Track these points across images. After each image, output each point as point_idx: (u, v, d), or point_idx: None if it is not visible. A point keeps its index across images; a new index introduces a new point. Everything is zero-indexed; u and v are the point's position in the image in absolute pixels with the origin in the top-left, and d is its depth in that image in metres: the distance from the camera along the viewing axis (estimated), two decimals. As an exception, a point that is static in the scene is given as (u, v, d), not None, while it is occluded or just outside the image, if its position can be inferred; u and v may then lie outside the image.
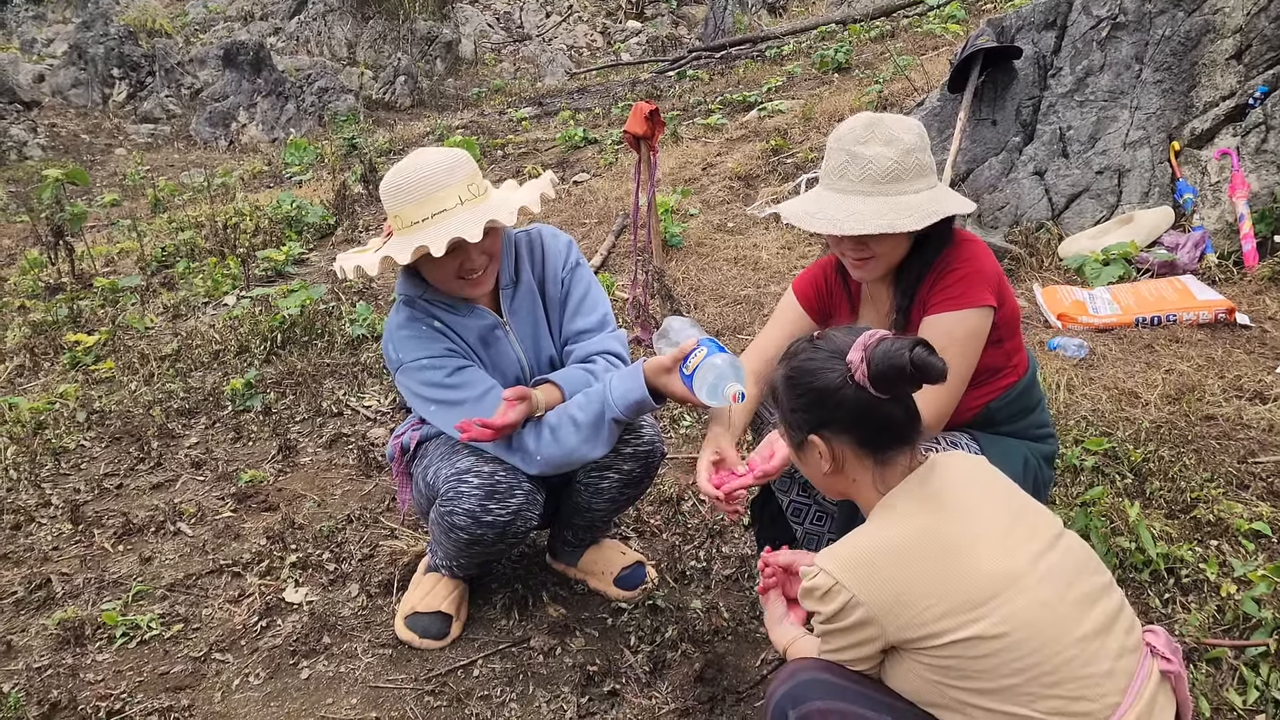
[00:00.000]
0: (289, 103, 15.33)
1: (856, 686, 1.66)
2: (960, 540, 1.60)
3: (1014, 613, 1.53)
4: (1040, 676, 1.52)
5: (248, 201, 7.70)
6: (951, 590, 1.55)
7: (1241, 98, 5.07)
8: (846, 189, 2.18)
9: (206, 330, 5.14)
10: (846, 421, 1.67)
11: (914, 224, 2.12)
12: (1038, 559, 1.60)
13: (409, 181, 2.25)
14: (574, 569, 2.83)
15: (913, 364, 1.58)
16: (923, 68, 6.93)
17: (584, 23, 22.08)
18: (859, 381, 1.62)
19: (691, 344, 2.19)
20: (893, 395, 1.64)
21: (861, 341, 1.63)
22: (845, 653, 1.66)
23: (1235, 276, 4.61)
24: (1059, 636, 1.53)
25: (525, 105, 12.01)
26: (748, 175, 6.50)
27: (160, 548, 3.22)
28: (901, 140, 2.15)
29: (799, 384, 1.70)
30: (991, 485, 1.73)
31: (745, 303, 4.74)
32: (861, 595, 1.58)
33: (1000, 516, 1.66)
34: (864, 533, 1.68)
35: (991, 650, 1.52)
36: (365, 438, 3.84)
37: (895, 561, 1.59)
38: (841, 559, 1.63)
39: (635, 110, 4.19)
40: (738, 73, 10.09)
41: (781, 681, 1.71)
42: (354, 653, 2.62)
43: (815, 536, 2.69)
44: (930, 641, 1.56)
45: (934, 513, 1.64)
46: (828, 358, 1.68)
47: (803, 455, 1.77)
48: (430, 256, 2.22)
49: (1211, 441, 3.19)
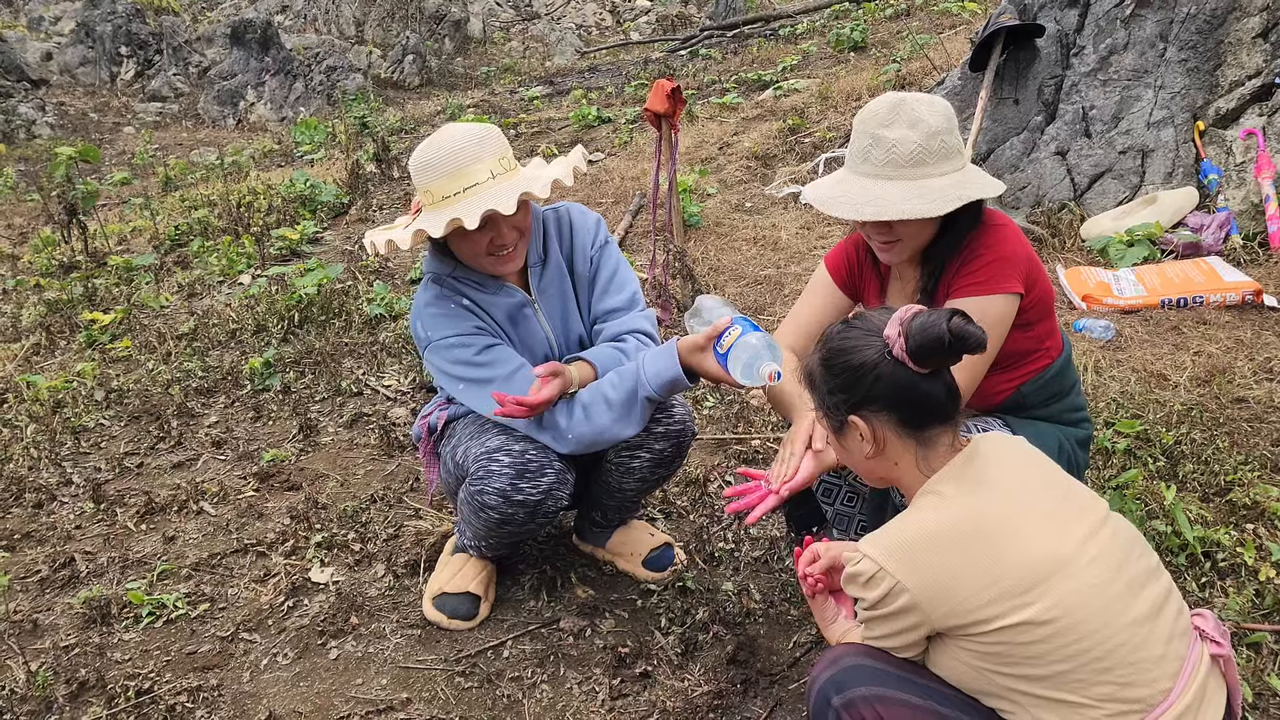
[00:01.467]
0: (297, 81, 15.27)
1: (900, 673, 1.64)
2: (1007, 524, 1.57)
3: (1064, 597, 1.50)
4: (1091, 662, 1.49)
5: (260, 180, 7.66)
6: (1000, 576, 1.52)
7: (1268, 77, 5.00)
8: (870, 172, 2.14)
9: (223, 309, 5.12)
10: (886, 399, 1.65)
11: (937, 209, 2.08)
12: (1086, 542, 1.57)
13: (439, 156, 2.23)
14: (602, 550, 2.82)
15: (951, 333, 1.56)
16: (943, 46, 6.86)
17: (593, 1, 21.96)
18: (897, 356, 1.61)
19: (725, 322, 2.16)
20: (932, 369, 1.62)
21: (898, 317, 1.62)
22: (889, 640, 1.64)
23: (1261, 258, 4.56)
24: (1110, 621, 1.51)
25: (536, 84, 11.95)
26: (765, 155, 6.45)
27: (183, 527, 3.21)
28: (927, 122, 2.10)
29: (835, 364, 1.68)
30: (1036, 467, 1.70)
31: (766, 283, 4.70)
32: (906, 581, 1.56)
33: (1046, 499, 1.63)
34: (908, 518, 1.65)
35: (1041, 636, 1.50)
36: (386, 417, 3.82)
37: (941, 547, 1.56)
38: (885, 545, 1.61)
39: (656, 87, 4.14)
40: (751, 52, 10.01)
41: (824, 667, 1.69)
42: (382, 633, 2.61)
43: (846, 517, 2.67)
44: (978, 628, 1.53)
45: (979, 496, 1.61)
46: (863, 335, 1.66)
47: (843, 439, 1.74)
48: (461, 232, 2.21)
49: (1243, 424, 3.16)
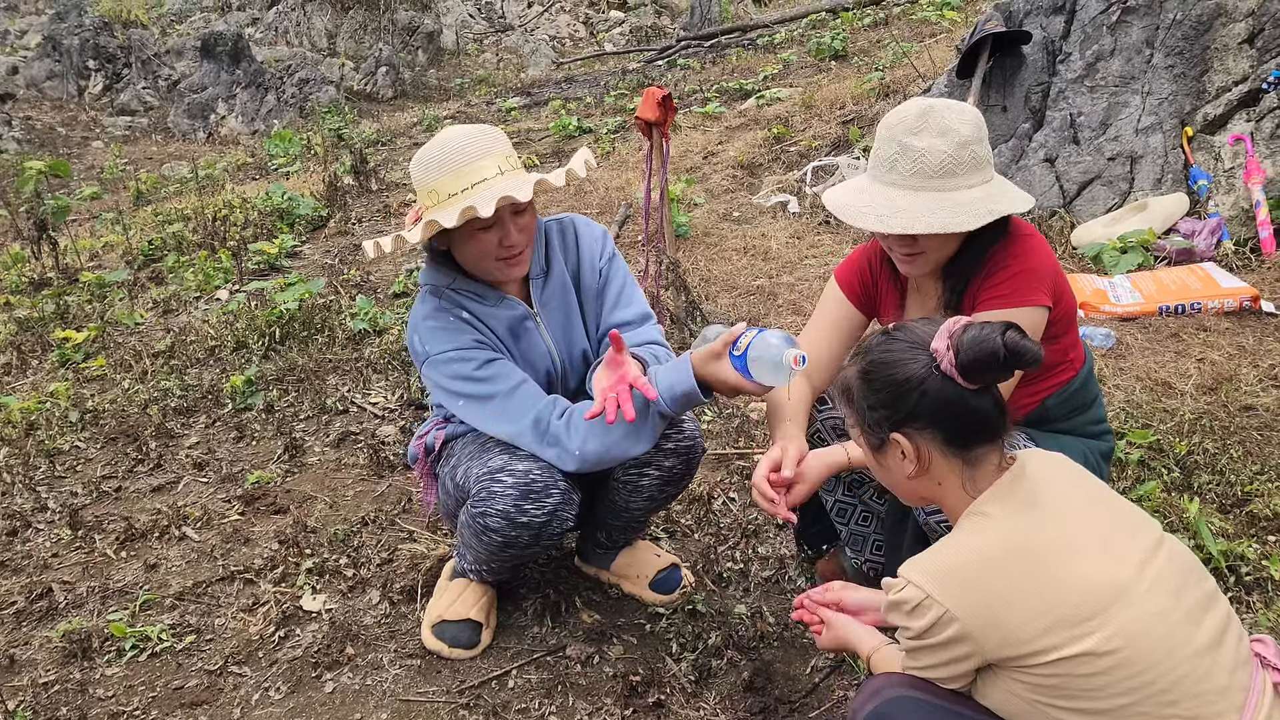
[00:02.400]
0: (269, 94, 15.09)
1: (947, 704, 1.55)
2: (1062, 547, 1.48)
3: (1125, 626, 1.42)
4: (1155, 695, 1.41)
5: (235, 194, 7.52)
6: (1057, 603, 1.43)
7: (1255, 82, 5.00)
8: (896, 182, 2.06)
9: (200, 325, 4.98)
10: (931, 416, 1.56)
11: (967, 224, 2.00)
12: (1144, 566, 1.49)
13: (446, 152, 2.15)
14: (606, 572, 2.72)
15: (1006, 348, 1.47)
16: (928, 54, 6.83)
17: (566, 13, 21.89)
18: (945, 371, 1.52)
19: (740, 329, 2.07)
20: (981, 385, 1.53)
21: (946, 329, 1.52)
22: (936, 670, 1.55)
23: (1254, 263, 4.54)
24: (1174, 651, 1.42)
25: (512, 95, 11.86)
26: (750, 164, 6.38)
27: (166, 554, 3.08)
28: (957, 132, 2.03)
29: (877, 378, 1.59)
30: (1086, 486, 1.62)
31: (759, 294, 4.62)
32: (955, 610, 1.47)
33: (1099, 520, 1.55)
34: (955, 541, 1.56)
35: (1103, 668, 1.41)
36: (375, 436, 3.70)
37: (992, 573, 1.48)
38: (931, 570, 1.52)
39: (647, 95, 4.06)
40: (730, 61, 9.97)
41: (865, 699, 1.60)
42: (380, 664, 2.50)
43: (861, 537, 2.59)
44: (1034, 660, 1.44)
45: (1030, 517, 1.52)
46: (908, 348, 1.57)
47: (883, 458, 1.65)
48: (470, 233, 2.14)
49: (1254, 433, 3.11)
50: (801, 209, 5.58)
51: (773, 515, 2.10)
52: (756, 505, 2.13)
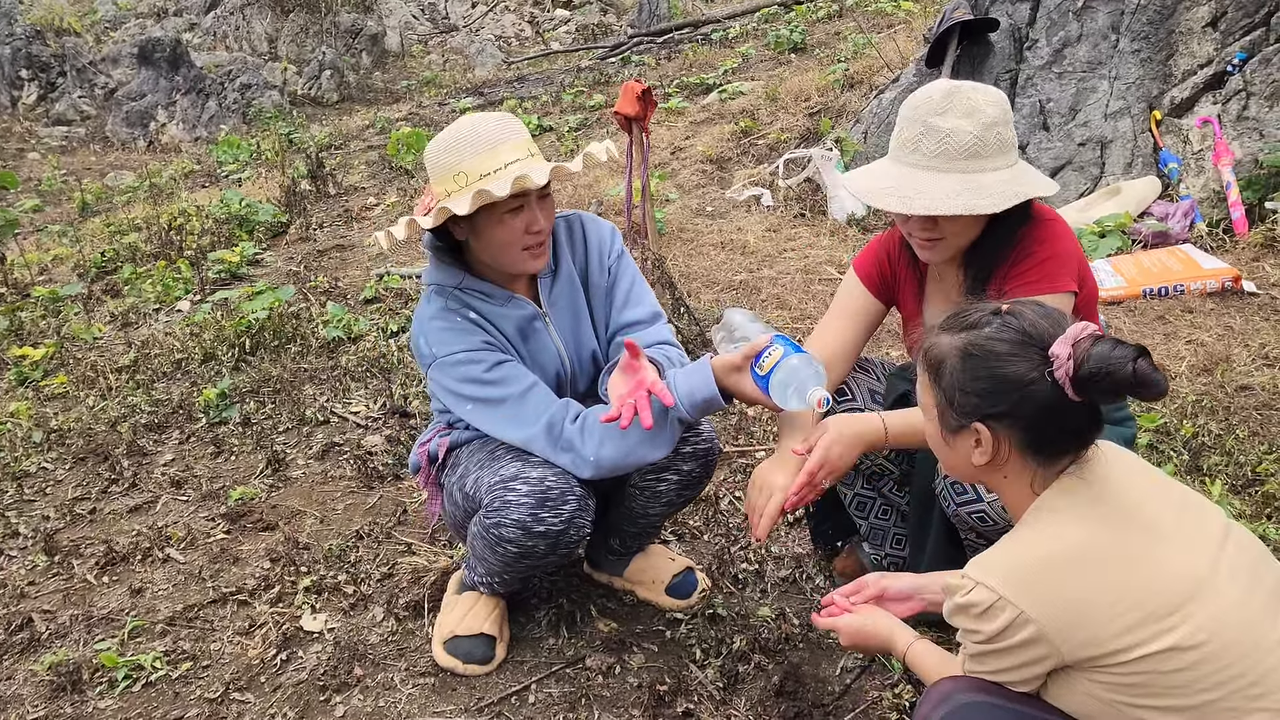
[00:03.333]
0: (210, 100, 14.77)
1: (1021, 707, 1.48)
2: (1136, 541, 1.43)
3: (1210, 618, 1.36)
4: (1245, 689, 1.36)
5: (189, 202, 7.31)
6: (1138, 600, 1.38)
7: (1220, 65, 5.04)
8: (920, 163, 2.01)
9: (164, 338, 4.81)
10: (1025, 419, 1.47)
11: (992, 206, 1.96)
12: (1218, 555, 1.44)
13: (473, 134, 2.08)
14: (620, 579, 2.64)
15: (1135, 376, 1.36)
16: (895, 43, 6.83)
17: (511, 12, 21.71)
18: (1058, 378, 1.42)
19: (765, 340, 2.00)
20: (1089, 400, 1.44)
21: (1072, 335, 1.42)
22: (1007, 674, 1.48)
23: (1228, 244, 4.58)
24: (1259, 641, 1.38)
25: (464, 96, 11.70)
26: (719, 158, 6.33)
27: (150, 577, 2.94)
28: (984, 112, 1.98)
29: (982, 366, 1.48)
30: (1150, 476, 1.57)
31: (740, 289, 4.57)
32: (1031, 611, 1.40)
33: (1168, 511, 1.49)
34: (1024, 539, 1.49)
35: (1189, 663, 1.36)
36: (360, 446, 3.58)
37: (1068, 571, 1.41)
38: (1001, 570, 1.45)
39: (626, 90, 3.99)
40: (686, 56, 9.92)
41: (934, 705, 1.53)
42: (391, 684, 2.39)
43: (881, 531, 2.55)
44: (1115, 659, 1.38)
45: (1101, 511, 1.46)
46: (1020, 342, 1.46)
47: (954, 440, 1.56)
48: (495, 219, 2.09)
49: (1254, 413, 3.11)
50: (775, 202, 5.54)
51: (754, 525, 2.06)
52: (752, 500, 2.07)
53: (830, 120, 6.05)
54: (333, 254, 6.00)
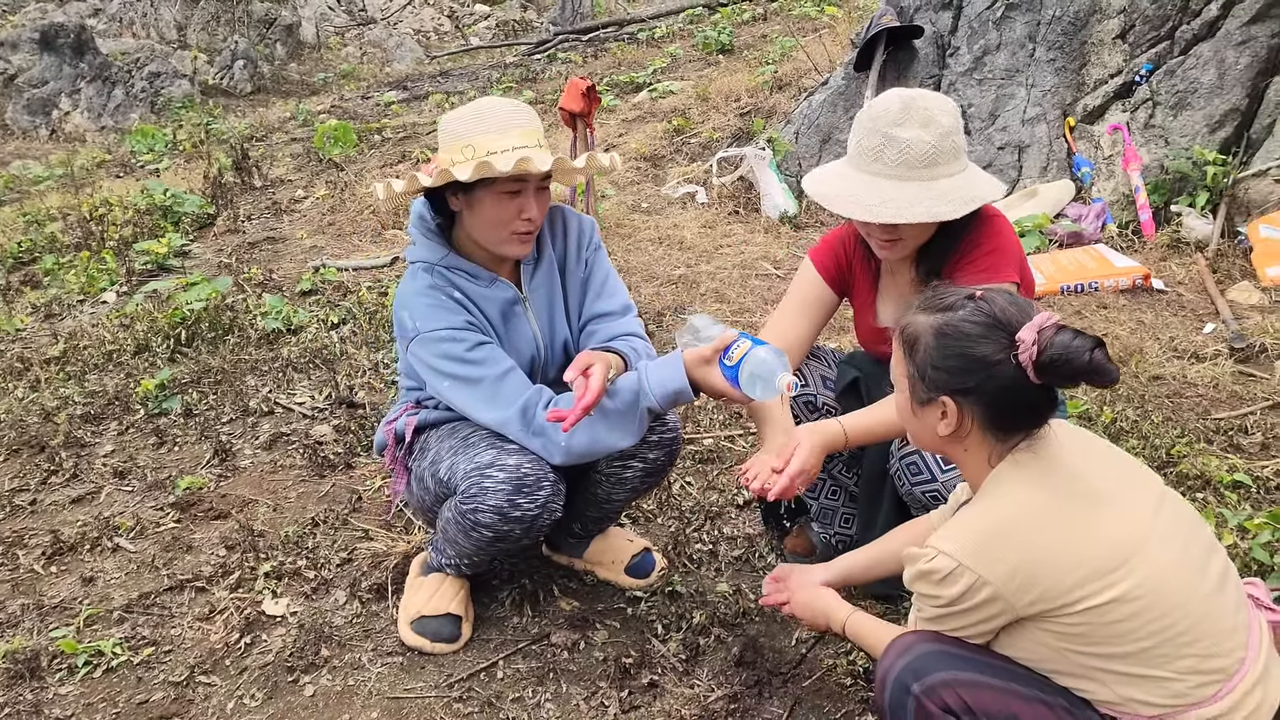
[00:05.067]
0: (117, 88, 14.34)
1: (975, 655, 1.63)
2: (1085, 506, 1.57)
3: (1148, 575, 1.51)
4: (1175, 637, 1.51)
5: (109, 191, 7.14)
6: (1084, 558, 1.52)
7: (1128, 75, 5.33)
8: (882, 172, 2.13)
9: (93, 330, 4.72)
10: (988, 395, 1.59)
11: (953, 213, 2.10)
12: (1154, 518, 1.59)
13: (490, 111, 2.16)
14: (580, 560, 2.71)
15: (1091, 364, 1.49)
16: (823, 46, 7.02)
17: (430, 6, 21.53)
18: (1021, 361, 1.54)
19: (731, 336, 2.10)
20: (1047, 384, 1.57)
21: (1038, 323, 1.54)
22: (965, 630, 1.62)
23: (1137, 245, 4.85)
24: (1190, 596, 1.53)
25: (388, 89, 11.60)
26: (653, 156, 6.44)
27: (101, 566, 2.92)
28: (939, 123, 2.11)
29: (953, 344, 1.60)
30: (1093, 446, 1.72)
31: (680, 283, 4.68)
32: (987, 575, 1.53)
33: (1111, 478, 1.64)
34: (981, 510, 1.63)
35: (1128, 614, 1.50)
36: (309, 436, 3.58)
37: (1019, 536, 1.55)
38: (963, 540, 1.58)
39: (571, 86, 4.07)
40: (613, 55, 10.01)
41: (896, 656, 1.66)
42: (359, 664, 2.43)
43: (830, 510, 2.67)
44: (1063, 612, 1.52)
45: (1052, 480, 1.60)
46: (990, 325, 1.58)
47: (922, 411, 1.68)
48: (493, 195, 2.16)
49: (1166, 400, 3.33)
50: (710, 199, 5.67)
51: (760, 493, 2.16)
52: (748, 488, 2.17)
53: (762, 120, 6.21)
54: (264, 246, 5.94)
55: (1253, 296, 4.08)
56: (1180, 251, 4.65)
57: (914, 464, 2.22)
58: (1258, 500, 2.77)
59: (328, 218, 6.38)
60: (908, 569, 1.66)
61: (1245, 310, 4.00)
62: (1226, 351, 3.64)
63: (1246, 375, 3.51)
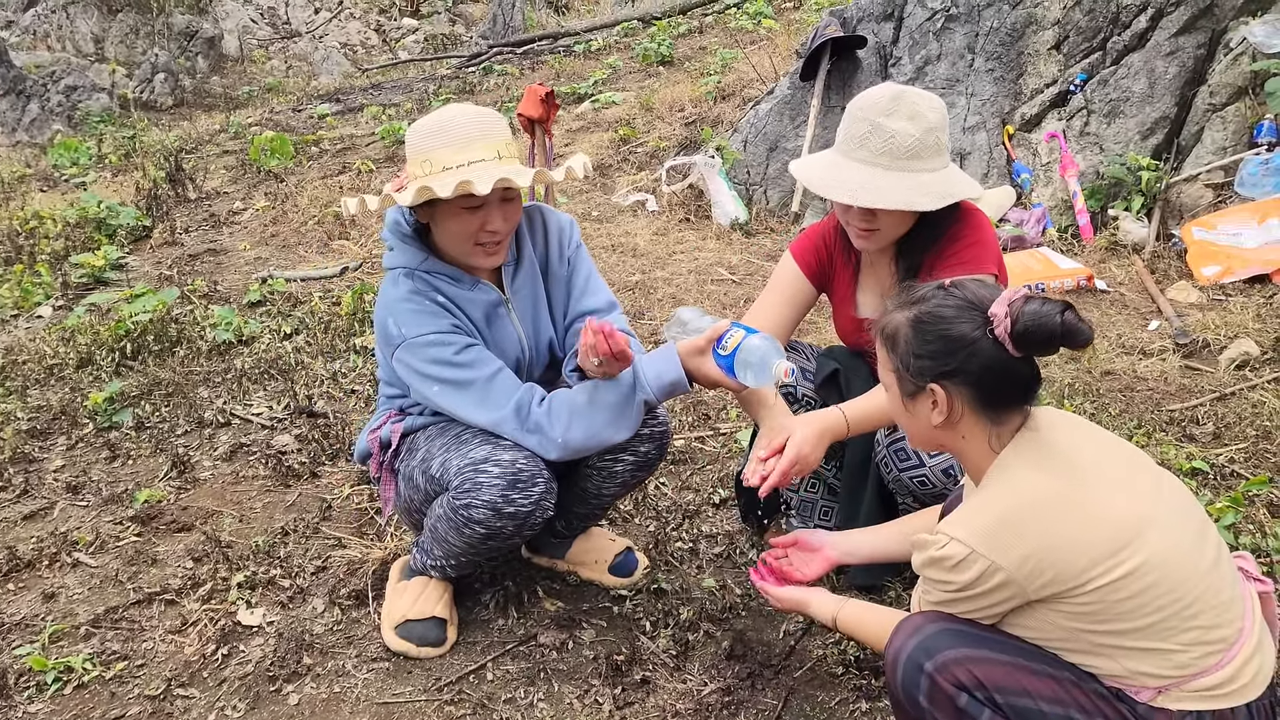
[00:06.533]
0: (31, 102, 13.90)
1: (984, 633, 1.66)
2: (1090, 489, 1.61)
3: (1156, 550, 1.55)
4: (1181, 610, 1.55)
5: (38, 204, 6.92)
6: (1095, 540, 1.55)
7: (1064, 85, 5.50)
8: (866, 159, 2.17)
9: (32, 344, 4.57)
10: (973, 375, 1.63)
11: (930, 204, 2.15)
12: (1156, 497, 1.64)
13: (450, 125, 2.12)
14: (562, 561, 2.70)
15: (1063, 327, 1.54)
16: (767, 58, 7.11)
17: (356, 20, 21.29)
18: (998, 336, 1.59)
19: (724, 325, 2.13)
20: (1027, 355, 1.62)
21: (1006, 296, 1.59)
22: (976, 614, 1.64)
23: (1076, 248, 5.00)
24: (1193, 570, 1.58)
25: (321, 101, 11.45)
26: (601, 165, 6.45)
27: (62, 582, 2.82)
28: (926, 117, 2.16)
29: (930, 330, 1.65)
30: (1091, 430, 1.76)
31: (637, 289, 4.69)
32: (1000, 560, 1.56)
33: (1111, 460, 1.68)
34: (990, 496, 1.65)
35: (1136, 590, 1.54)
36: (270, 446, 3.51)
37: (1029, 521, 1.58)
38: (974, 526, 1.61)
39: (529, 93, 4.07)
40: (551, 67, 10.02)
41: (907, 636, 1.68)
42: (344, 670, 2.39)
43: (809, 503, 2.70)
44: (1074, 592, 1.56)
45: (1056, 465, 1.64)
46: (964, 306, 1.63)
47: (912, 405, 1.72)
48: (453, 212, 2.13)
49: (1119, 394, 3.44)
50: (660, 207, 5.70)
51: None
52: (748, 480, 2.18)
53: (710, 129, 6.27)
54: (206, 258, 5.81)
55: (1191, 295, 4.23)
56: (1118, 254, 4.81)
57: (902, 450, 2.26)
58: (1215, 486, 2.87)
59: (270, 229, 6.27)
60: (918, 555, 1.68)
61: (1185, 308, 4.15)
62: (1172, 347, 3.77)
63: (1192, 369, 3.64)
